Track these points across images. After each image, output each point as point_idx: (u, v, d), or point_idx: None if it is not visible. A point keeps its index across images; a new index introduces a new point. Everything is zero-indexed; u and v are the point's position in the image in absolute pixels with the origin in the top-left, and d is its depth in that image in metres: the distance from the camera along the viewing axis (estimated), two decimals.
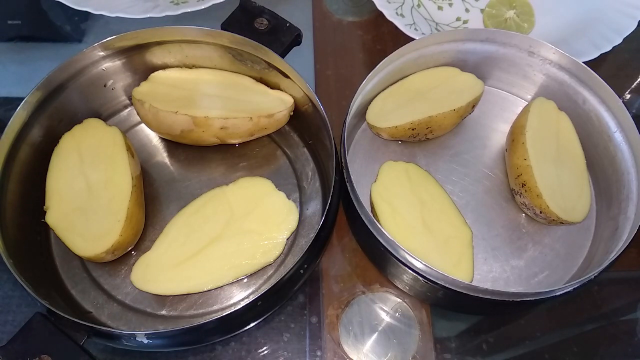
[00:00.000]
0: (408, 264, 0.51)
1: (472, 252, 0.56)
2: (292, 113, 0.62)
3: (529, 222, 0.61)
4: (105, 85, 0.63)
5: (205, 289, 0.54)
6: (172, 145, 0.64)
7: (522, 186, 0.58)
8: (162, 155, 0.64)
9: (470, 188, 0.63)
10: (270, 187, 0.58)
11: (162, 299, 0.56)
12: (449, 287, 0.49)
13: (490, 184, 0.63)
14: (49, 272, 0.57)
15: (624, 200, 0.58)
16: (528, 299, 0.49)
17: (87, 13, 0.73)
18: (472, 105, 0.64)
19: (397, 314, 0.58)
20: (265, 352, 0.57)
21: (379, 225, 0.51)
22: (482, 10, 0.81)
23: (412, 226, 0.56)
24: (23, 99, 0.55)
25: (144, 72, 0.63)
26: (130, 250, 0.58)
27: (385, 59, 0.60)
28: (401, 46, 0.61)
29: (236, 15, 0.62)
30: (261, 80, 0.63)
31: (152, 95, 0.60)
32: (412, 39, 0.62)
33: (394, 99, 0.64)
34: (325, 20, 0.81)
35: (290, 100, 0.62)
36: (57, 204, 0.55)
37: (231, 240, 0.55)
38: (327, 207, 0.52)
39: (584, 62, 0.61)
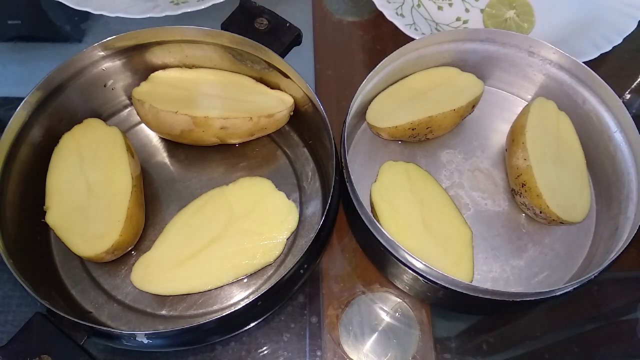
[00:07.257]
0: (408, 264, 0.51)
1: (472, 252, 0.56)
2: (292, 113, 0.62)
3: (529, 222, 0.61)
4: (105, 85, 0.63)
5: (205, 289, 0.54)
6: (172, 145, 0.64)
7: (522, 186, 0.58)
8: (162, 155, 0.64)
9: None
10: (270, 187, 0.58)
11: (162, 299, 0.56)
12: (449, 287, 0.49)
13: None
14: (49, 272, 0.57)
15: (624, 200, 0.58)
16: (528, 299, 0.49)
17: (87, 13, 0.73)
18: (472, 105, 0.64)
19: (397, 314, 0.58)
20: (265, 352, 0.57)
21: (379, 225, 0.51)
22: (482, 10, 0.81)
23: (412, 226, 0.56)
24: (23, 99, 0.55)
25: (144, 72, 0.63)
26: (130, 250, 0.58)
27: (385, 59, 0.60)
28: (401, 46, 0.61)
29: (236, 15, 0.62)
30: (261, 80, 0.63)
31: (152, 95, 0.60)
32: (412, 39, 0.62)
33: (394, 99, 0.64)
34: (325, 20, 0.81)
35: (290, 100, 0.62)
36: (57, 204, 0.55)
37: (231, 241, 0.55)
38: (327, 207, 0.51)
39: (584, 62, 0.61)
